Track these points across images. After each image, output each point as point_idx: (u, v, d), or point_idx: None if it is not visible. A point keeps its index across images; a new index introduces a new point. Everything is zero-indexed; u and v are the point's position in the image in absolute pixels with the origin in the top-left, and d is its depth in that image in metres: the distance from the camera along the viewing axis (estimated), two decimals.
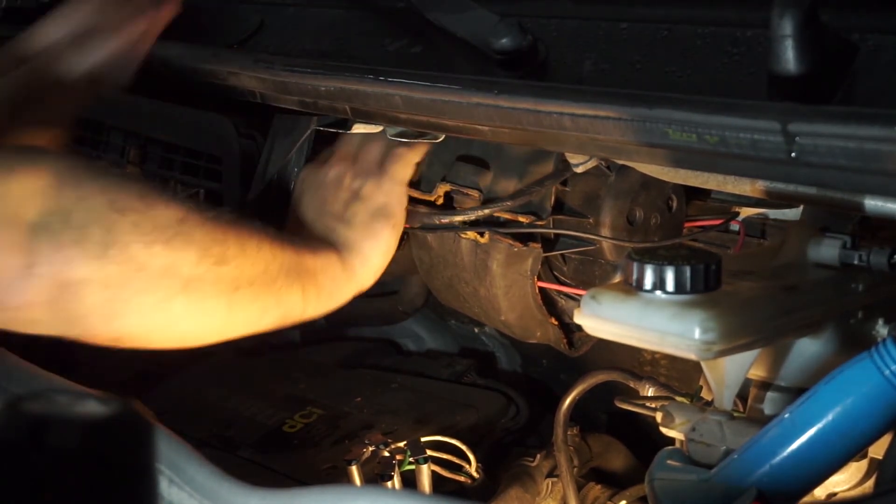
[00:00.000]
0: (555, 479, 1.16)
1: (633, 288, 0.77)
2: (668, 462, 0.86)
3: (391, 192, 1.09)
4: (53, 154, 0.88)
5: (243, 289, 0.91)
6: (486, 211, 1.10)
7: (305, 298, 0.98)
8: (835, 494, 0.91)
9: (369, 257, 1.06)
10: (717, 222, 1.11)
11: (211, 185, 1.20)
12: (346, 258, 1.04)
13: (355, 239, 1.05)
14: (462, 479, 1.13)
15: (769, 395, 0.88)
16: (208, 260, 0.88)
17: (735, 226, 1.10)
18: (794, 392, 0.85)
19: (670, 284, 0.75)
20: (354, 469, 1.05)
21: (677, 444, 0.90)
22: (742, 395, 0.89)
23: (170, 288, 0.86)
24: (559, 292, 1.19)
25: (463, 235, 1.14)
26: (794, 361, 0.86)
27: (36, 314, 0.83)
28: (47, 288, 0.81)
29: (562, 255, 1.17)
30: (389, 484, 1.03)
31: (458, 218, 1.12)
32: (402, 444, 1.08)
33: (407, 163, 1.10)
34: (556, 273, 1.19)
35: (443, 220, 1.13)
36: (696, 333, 0.73)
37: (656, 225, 1.13)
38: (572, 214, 1.13)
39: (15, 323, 0.85)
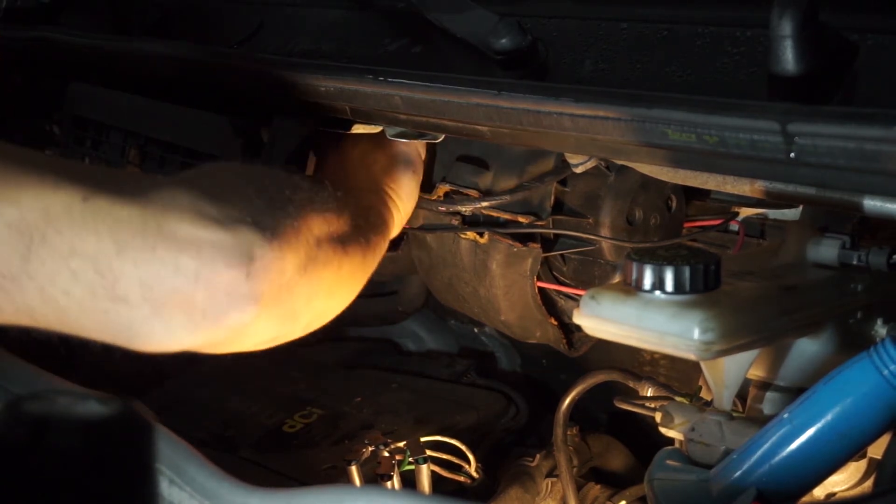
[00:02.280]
0: (554, 479, 1.16)
1: (632, 288, 0.77)
2: (668, 462, 0.86)
3: (409, 143, 1.09)
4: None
5: (363, 235, 0.91)
6: (485, 203, 1.10)
7: (382, 238, 0.99)
8: (834, 494, 0.91)
9: (398, 201, 1.06)
10: (717, 222, 1.11)
11: None
12: (383, 200, 1.04)
13: (381, 182, 1.06)
14: (462, 479, 1.13)
15: (768, 395, 0.88)
16: (343, 218, 0.88)
17: (734, 226, 1.10)
18: (794, 392, 0.85)
19: (670, 284, 0.75)
20: (354, 469, 1.05)
21: (677, 444, 0.90)
22: (741, 395, 0.89)
23: (338, 253, 0.86)
24: (559, 292, 1.19)
25: (462, 236, 1.14)
26: (793, 361, 0.86)
27: (261, 323, 0.78)
28: (270, 287, 0.76)
29: (561, 255, 1.17)
30: (389, 484, 1.03)
31: (458, 208, 1.12)
32: (401, 444, 1.08)
33: None
34: (555, 273, 1.19)
35: (442, 212, 1.13)
36: (696, 333, 0.73)
37: (656, 225, 1.13)
38: (572, 215, 1.13)
39: (235, 342, 0.79)
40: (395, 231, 1.06)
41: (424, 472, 1.05)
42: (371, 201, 1.01)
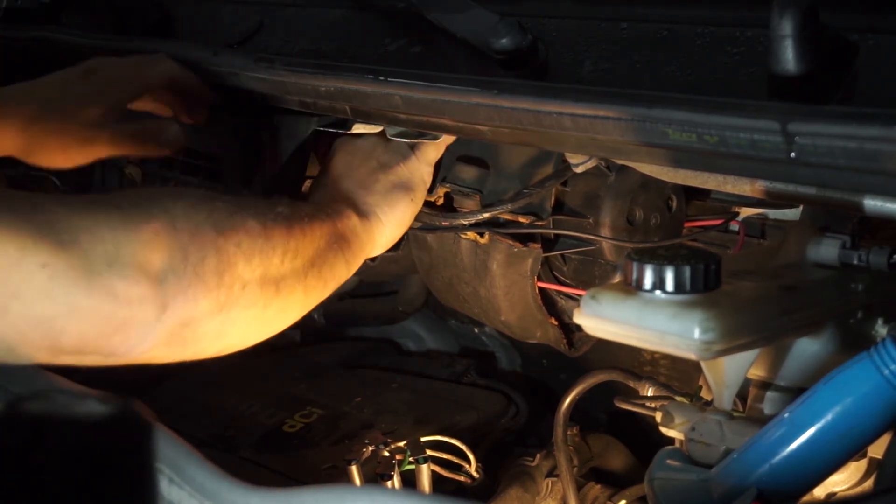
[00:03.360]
0: (555, 479, 1.16)
1: (632, 288, 0.77)
2: (668, 462, 0.86)
3: (416, 170, 1.09)
4: (166, 194, 0.87)
5: (311, 271, 0.93)
6: (487, 215, 1.10)
7: (347, 263, 1.00)
8: (834, 494, 0.91)
9: (385, 224, 1.06)
10: (717, 222, 1.11)
11: (211, 185, 1.20)
12: (363, 222, 1.04)
13: (372, 204, 1.06)
14: (462, 478, 1.13)
15: (769, 394, 0.88)
16: (287, 256, 0.90)
17: (735, 226, 1.10)
18: (794, 392, 0.85)
19: (670, 284, 0.75)
20: (354, 469, 1.05)
21: (677, 444, 0.90)
22: (742, 395, 0.88)
23: (267, 295, 0.89)
24: (559, 292, 1.19)
25: (463, 236, 1.14)
26: (793, 361, 0.86)
27: (158, 352, 0.84)
28: (171, 329, 0.82)
29: (562, 255, 1.17)
30: (389, 484, 1.03)
31: (461, 221, 1.12)
32: (402, 444, 1.08)
33: (437, 145, 1.10)
34: (555, 273, 1.19)
35: (443, 222, 1.13)
36: (696, 333, 0.73)
37: (656, 225, 1.13)
38: (572, 215, 1.13)
39: (134, 362, 0.85)
40: (370, 253, 1.06)
41: (424, 471, 1.05)
42: (346, 225, 1.01)
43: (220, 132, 1.19)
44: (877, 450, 0.81)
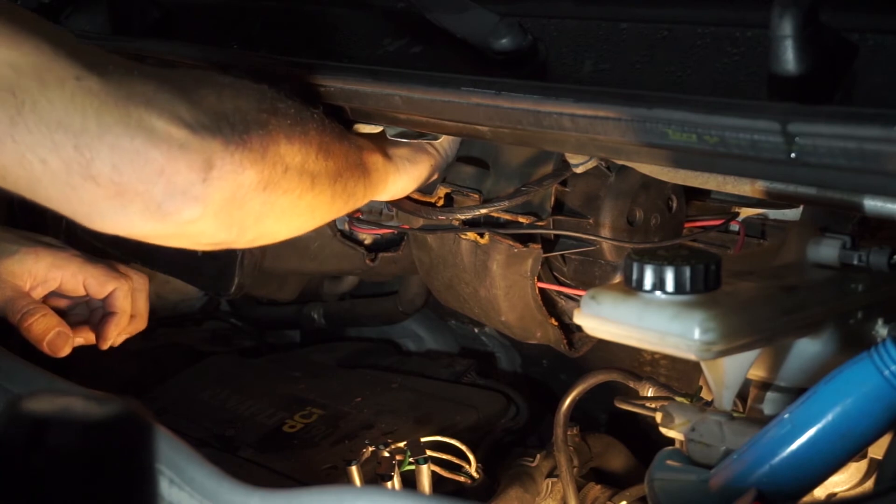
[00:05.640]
0: (555, 479, 1.16)
1: (632, 288, 0.77)
2: (668, 462, 0.86)
3: (442, 141, 1.11)
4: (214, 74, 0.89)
5: (339, 181, 0.94)
6: (484, 210, 1.10)
7: (365, 189, 1.01)
8: (835, 494, 0.91)
9: (401, 174, 1.07)
10: (717, 222, 1.11)
11: None
12: (385, 163, 1.05)
13: (396, 155, 1.07)
14: (462, 479, 1.13)
15: (769, 395, 0.88)
16: (321, 155, 0.91)
17: (735, 226, 1.10)
18: (794, 392, 0.85)
19: (670, 285, 0.75)
20: (354, 469, 1.05)
21: (677, 445, 0.90)
22: (742, 396, 0.88)
23: (303, 185, 0.89)
24: (559, 293, 1.19)
25: (463, 236, 1.14)
26: (793, 361, 0.86)
27: (206, 225, 0.83)
28: (221, 200, 0.82)
29: (562, 255, 1.17)
30: (389, 484, 1.03)
31: (458, 216, 1.11)
32: (402, 444, 1.08)
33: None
34: (556, 273, 1.19)
35: (439, 216, 1.13)
36: (696, 334, 0.73)
37: (656, 225, 1.13)
38: (572, 215, 1.13)
39: (181, 238, 0.85)
40: (382, 195, 1.07)
41: (424, 472, 1.05)
42: (369, 157, 1.02)
43: None
44: (877, 450, 0.81)
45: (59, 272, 1.14)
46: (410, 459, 1.06)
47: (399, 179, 1.07)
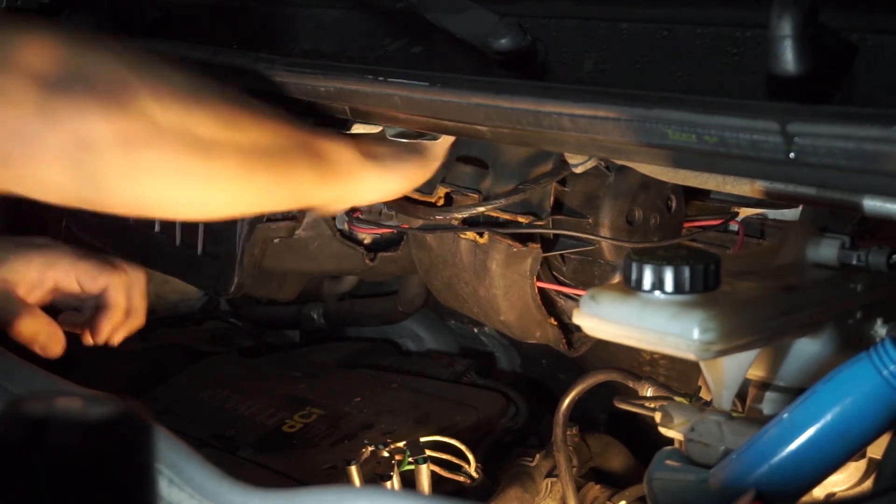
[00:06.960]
0: (554, 479, 1.16)
1: (632, 288, 0.77)
2: (667, 462, 0.86)
3: (435, 142, 1.09)
4: (66, 24, 0.89)
5: (258, 158, 0.92)
6: (482, 209, 1.10)
7: (319, 179, 0.98)
8: (834, 494, 0.91)
9: (389, 171, 1.04)
10: (717, 222, 1.11)
11: None
12: (361, 161, 1.03)
13: (381, 153, 1.05)
14: (461, 479, 1.13)
15: (768, 395, 0.88)
16: (223, 124, 0.89)
17: (734, 226, 1.10)
18: (793, 392, 0.85)
19: (669, 285, 0.75)
20: (354, 469, 1.05)
21: (676, 444, 0.90)
22: (741, 395, 0.88)
23: (188, 148, 0.87)
24: (558, 292, 1.19)
25: (462, 236, 1.14)
26: (792, 361, 0.86)
27: (56, 174, 0.82)
28: (66, 143, 0.81)
29: (561, 255, 1.17)
30: (389, 484, 1.03)
31: (457, 214, 1.12)
32: (401, 444, 1.08)
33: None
34: (555, 273, 1.19)
35: (437, 216, 1.13)
36: (695, 333, 0.73)
37: (655, 225, 1.13)
38: (571, 215, 1.13)
39: (37, 185, 0.84)
40: (363, 194, 1.04)
41: (424, 472, 1.05)
42: (329, 147, 0.99)
43: None
44: (876, 450, 0.81)
45: (52, 271, 1.14)
46: (410, 459, 1.06)
47: (387, 178, 1.05)
